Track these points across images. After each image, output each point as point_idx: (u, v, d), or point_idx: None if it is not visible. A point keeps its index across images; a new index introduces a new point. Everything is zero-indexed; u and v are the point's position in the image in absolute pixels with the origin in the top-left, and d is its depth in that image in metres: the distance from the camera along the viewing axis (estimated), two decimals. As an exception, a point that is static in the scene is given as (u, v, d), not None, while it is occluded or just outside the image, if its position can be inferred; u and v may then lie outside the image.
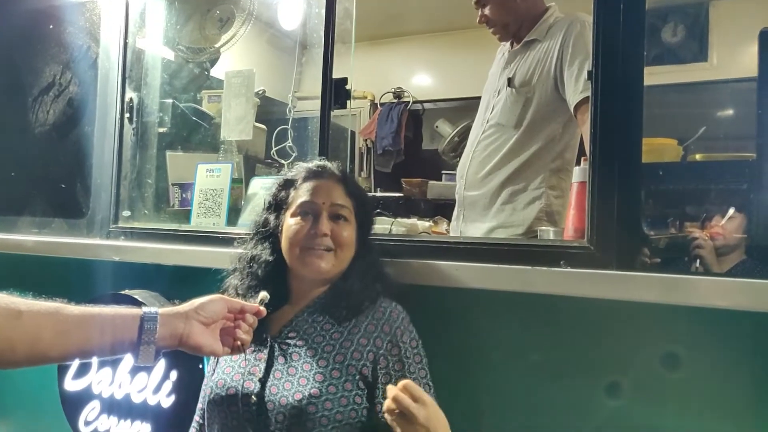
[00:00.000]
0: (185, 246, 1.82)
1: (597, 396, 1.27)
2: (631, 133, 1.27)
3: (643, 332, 1.24)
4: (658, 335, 1.24)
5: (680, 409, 1.21)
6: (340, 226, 1.30)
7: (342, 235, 1.30)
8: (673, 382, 1.21)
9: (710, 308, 1.18)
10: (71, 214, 2.10)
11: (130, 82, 2.04)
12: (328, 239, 1.28)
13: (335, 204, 1.31)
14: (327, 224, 1.29)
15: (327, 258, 1.28)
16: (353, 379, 1.21)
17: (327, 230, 1.28)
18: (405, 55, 3.96)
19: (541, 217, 1.92)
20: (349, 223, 1.32)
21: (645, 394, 1.23)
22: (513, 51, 2.06)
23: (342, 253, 1.30)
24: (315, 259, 1.28)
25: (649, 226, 1.27)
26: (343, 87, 1.68)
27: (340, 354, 1.24)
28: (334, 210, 1.31)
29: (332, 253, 1.29)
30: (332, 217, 1.31)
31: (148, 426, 1.73)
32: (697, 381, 1.20)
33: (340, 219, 1.31)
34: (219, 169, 1.97)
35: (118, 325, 1.01)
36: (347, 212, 1.32)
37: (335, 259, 1.29)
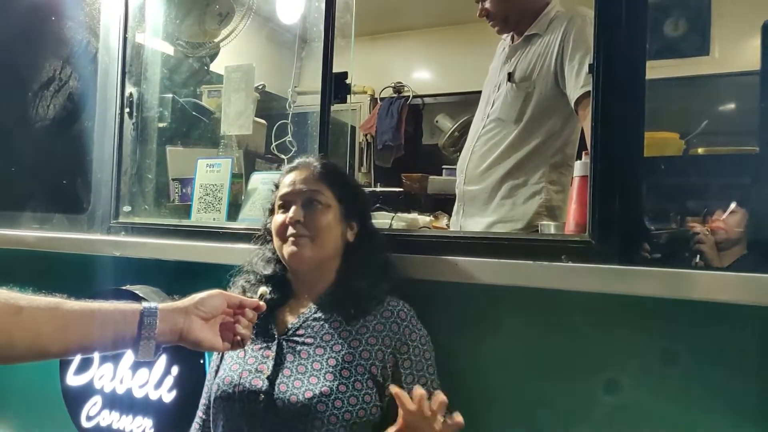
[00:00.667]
0: (186, 241, 1.81)
1: (598, 391, 1.27)
2: (632, 127, 1.27)
3: (644, 326, 1.24)
4: (659, 329, 1.23)
5: (681, 403, 1.20)
6: (315, 211, 1.30)
7: (316, 219, 1.29)
8: (674, 377, 1.21)
9: (711, 302, 1.17)
10: (72, 209, 2.10)
11: (129, 77, 2.03)
12: (301, 226, 1.28)
13: (307, 190, 1.31)
14: (299, 211, 1.29)
15: (303, 244, 1.28)
16: (362, 379, 1.22)
17: (299, 216, 1.28)
18: (405, 50, 3.95)
19: (542, 212, 1.92)
20: (326, 207, 1.31)
21: (646, 388, 1.23)
22: (513, 45, 2.05)
23: (320, 238, 1.29)
24: (291, 247, 1.28)
25: (650, 221, 1.27)
26: (343, 81, 1.67)
27: (349, 354, 1.24)
28: (306, 196, 1.31)
29: (308, 239, 1.28)
30: (305, 204, 1.30)
31: (149, 421, 1.74)
32: (698, 375, 1.19)
33: (314, 203, 1.30)
34: (219, 164, 1.97)
35: (117, 321, 1.00)
36: (321, 197, 1.31)
37: (313, 245, 1.28)
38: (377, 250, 1.37)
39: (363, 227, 1.37)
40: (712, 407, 1.18)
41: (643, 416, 1.23)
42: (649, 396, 1.23)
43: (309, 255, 1.28)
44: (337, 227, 1.32)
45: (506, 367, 1.36)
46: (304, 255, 1.28)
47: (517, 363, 1.35)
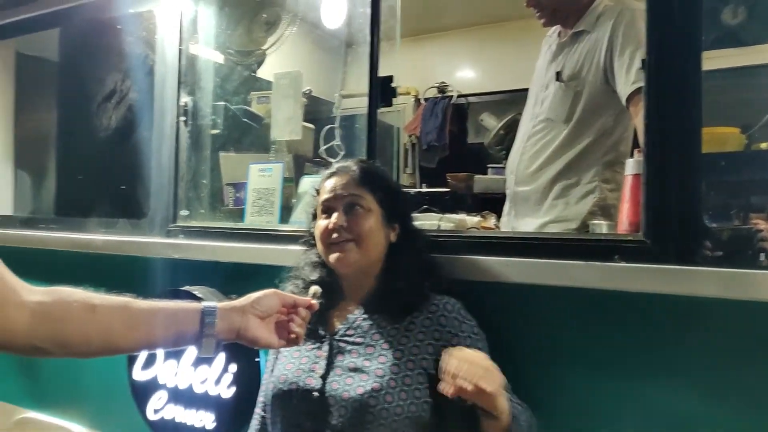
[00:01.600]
0: (240, 243, 1.87)
1: (654, 394, 1.24)
2: (689, 123, 1.23)
3: (704, 329, 1.21)
4: (719, 332, 1.20)
5: (743, 408, 1.17)
6: (357, 215, 1.31)
7: (358, 223, 1.30)
8: (736, 381, 1.17)
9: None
10: (134, 214, 2.19)
11: (184, 87, 2.10)
12: (344, 231, 1.30)
13: (348, 194, 1.33)
14: (341, 216, 1.31)
15: (348, 249, 1.30)
16: (413, 374, 1.24)
17: (342, 222, 1.30)
18: (448, 50, 3.93)
19: (595, 211, 1.89)
20: (368, 211, 1.32)
21: (705, 393, 1.20)
22: (560, 43, 2.02)
23: (364, 242, 1.30)
24: (336, 253, 1.31)
25: (710, 219, 1.23)
26: (388, 85, 1.69)
27: (398, 350, 1.26)
28: (348, 200, 1.33)
29: (353, 244, 1.30)
30: (347, 208, 1.32)
31: (211, 415, 1.80)
32: (763, 380, 1.15)
33: (356, 208, 1.32)
34: (270, 169, 2.02)
35: (181, 319, 1.06)
36: (363, 201, 1.33)
37: (359, 249, 1.30)
38: (420, 249, 1.38)
39: (404, 228, 1.38)
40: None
41: (701, 422, 1.20)
42: (708, 402, 1.19)
43: (354, 259, 1.31)
44: (380, 230, 1.34)
45: (559, 369, 1.35)
46: (349, 259, 1.30)
47: (570, 366, 1.34)
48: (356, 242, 1.30)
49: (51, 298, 0.95)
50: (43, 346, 0.94)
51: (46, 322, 0.94)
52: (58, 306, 0.95)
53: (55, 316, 0.95)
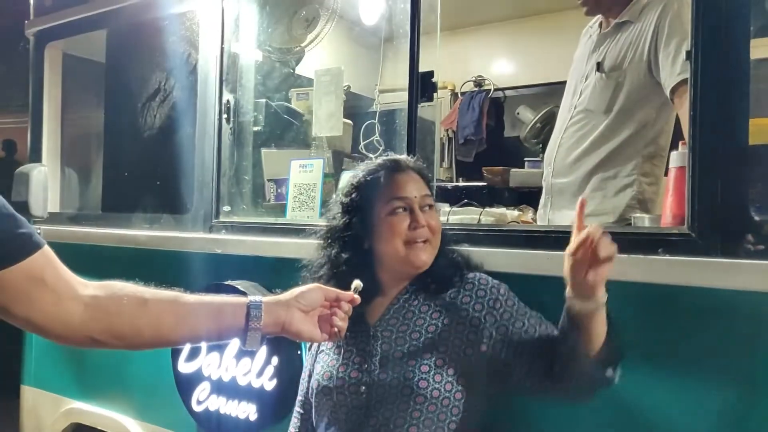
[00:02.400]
0: (282, 238, 1.90)
1: (700, 391, 1.23)
2: (735, 114, 1.21)
3: (751, 323, 1.18)
4: (766, 326, 1.17)
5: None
6: (431, 215, 1.35)
7: (434, 223, 1.35)
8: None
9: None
10: (177, 210, 2.24)
11: (226, 85, 2.14)
12: (426, 230, 1.32)
13: (423, 195, 1.35)
14: (422, 216, 1.33)
15: (427, 249, 1.33)
16: (460, 349, 1.26)
17: (425, 222, 1.32)
18: (484, 43, 3.90)
19: (633, 205, 1.86)
20: (434, 210, 1.37)
21: (750, 389, 1.18)
22: (603, 33, 1.99)
23: (435, 240, 1.35)
24: (419, 253, 1.32)
25: (757, 211, 1.20)
26: (429, 80, 1.69)
27: (444, 330, 1.28)
28: (424, 201, 1.35)
29: (430, 243, 1.33)
30: (422, 208, 1.34)
31: (253, 406, 1.85)
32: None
33: (428, 207, 1.35)
34: (311, 165, 2.05)
35: (227, 313, 1.09)
36: (431, 200, 1.37)
37: (431, 248, 1.34)
38: (447, 235, 1.42)
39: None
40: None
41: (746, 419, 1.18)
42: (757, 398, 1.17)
43: (429, 260, 1.33)
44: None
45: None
46: (426, 260, 1.33)
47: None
48: (430, 241, 1.34)
49: (104, 292, 1.00)
50: (100, 338, 0.99)
51: (101, 315, 0.98)
52: (111, 300, 1.00)
53: (109, 310, 0.99)
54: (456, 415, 1.23)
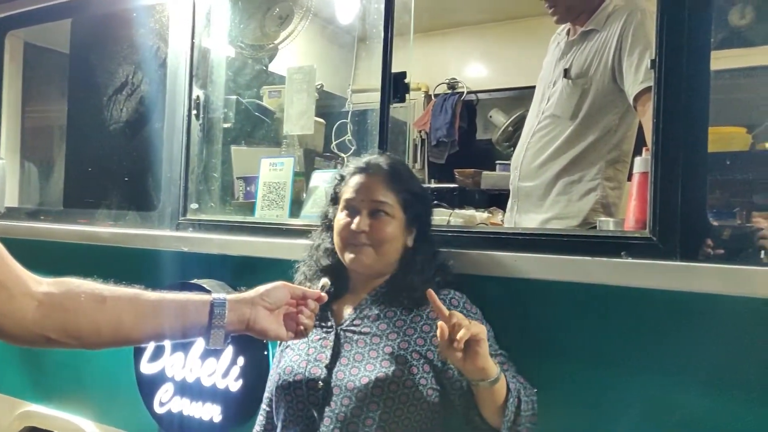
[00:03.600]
0: (250, 237, 1.89)
1: (657, 388, 1.26)
2: (696, 122, 1.25)
3: (707, 324, 1.22)
4: (722, 327, 1.21)
5: (744, 404, 1.18)
6: (380, 222, 1.32)
7: (381, 230, 1.32)
8: (737, 375, 1.19)
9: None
10: (143, 206, 2.20)
11: (196, 80, 2.11)
12: (364, 235, 1.31)
13: (374, 200, 1.34)
14: (365, 221, 1.32)
15: (366, 253, 1.32)
16: (418, 363, 1.26)
17: (364, 227, 1.31)
18: (459, 46, 3.93)
19: (597, 209, 1.91)
20: (391, 218, 1.33)
21: (707, 387, 1.22)
22: (569, 41, 2.03)
23: (383, 248, 1.32)
24: (353, 254, 1.32)
25: (714, 217, 1.24)
26: (402, 81, 1.70)
27: (404, 341, 1.28)
28: (373, 206, 1.33)
29: (370, 248, 1.32)
30: (372, 213, 1.33)
31: (218, 407, 1.82)
32: (762, 374, 1.17)
33: (380, 214, 1.33)
34: (282, 163, 2.04)
35: (190, 311, 1.07)
36: (389, 208, 1.33)
37: (376, 254, 1.32)
38: (434, 251, 1.40)
39: (422, 230, 1.40)
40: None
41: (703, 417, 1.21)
42: (710, 397, 1.21)
43: (369, 263, 1.33)
44: (399, 238, 1.35)
45: (565, 364, 1.36)
46: (364, 262, 1.33)
47: (575, 360, 1.35)
48: (374, 248, 1.32)
49: (59, 289, 0.96)
50: (55, 337, 0.96)
51: (56, 313, 0.95)
52: (67, 297, 0.97)
53: (64, 307, 0.96)
54: (412, 413, 1.24)
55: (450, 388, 1.26)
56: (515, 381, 1.22)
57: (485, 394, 1.16)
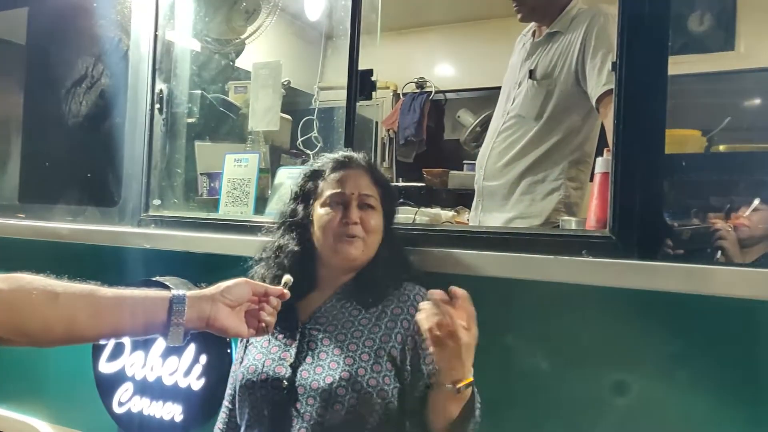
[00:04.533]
0: (214, 234, 1.86)
1: (617, 385, 1.29)
2: (654, 125, 1.28)
3: (664, 322, 1.26)
4: (678, 324, 1.25)
5: (699, 398, 1.22)
6: (368, 214, 1.34)
7: (370, 222, 1.34)
8: (695, 372, 1.22)
9: (731, 298, 1.19)
10: (104, 202, 2.15)
11: (159, 74, 2.08)
12: (359, 227, 1.32)
13: (363, 194, 1.35)
14: (356, 213, 1.33)
15: (357, 245, 1.32)
16: (382, 361, 1.26)
17: (357, 218, 1.32)
18: (427, 46, 3.95)
19: (560, 209, 1.94)
20: (376, 211, 1.36)
21: (664, 383, 1.25)
22: (535, 42, 2.06)
23: (370, 239, 1.34)
24: (346, 247, 1.32)
25: (671, 217, 1.28)
26: (368, 78, 1.70)
27: (369, 339, 1.28)
28: (362, 199, 1.35)
29: (362, 241, 1.33)
30: (360, 206, 1.34)
31: (179, 407, 1.79)
32: (717, 369, 1.21)
33: (368, 207, 1.35)
34: (246, 159, 2.02)
35: (148, 307, 1.04)
36: (374, 201, 1.36)
37: (364, 246, 1.33)
38: (399, 247, 1.41)
39: (388, 226, 1.41)
40: (730, 401, 1.19)
41: (660, 412, 1.25)
42: (668, 391, 1.24)
43: (359, 255, 1.33)
44: (381, 230, 1.37)
45: (526, 361, 1.38)
46: (355, 255, 1.32)
47: (536, 357, 1.37)
48: (364, 240, 1.33)
49: (8, 285, 0.93)
50: (2, 334, 0.92)
51: (4, 310, 0.91)
52: (16, 293, 0.93)
53: (13, 304, 0.92)
54: (374, 416, 1.23)
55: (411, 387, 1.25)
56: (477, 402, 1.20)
57: (445, 400, 1.14)
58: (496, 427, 1.33)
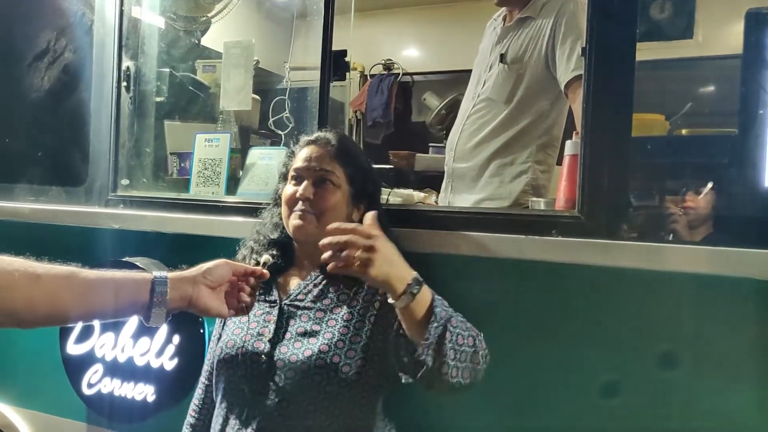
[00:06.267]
0: (185, 214, 1.84)
1: (587, 357, 1.35)
2: (622, 108, 1.33)
3: (631, 298, 1.32)
4: (642, 299, 1.31)
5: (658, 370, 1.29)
6: (325, 191, 1.34)
7: (324, 198, 1.33)
8: (656, 345, 1.30)
9: (684, 273, 1.27)
10: (69, 181, 2.10)
11: (126, 51, 2.03)
12: (309, 203, 1.33)
13: (320, 169, 1.35)
14: (309, 188, 1.34)
15: (308, 220, 1.33)
16: (361, 332, 1.28)
17: (308, 194, 1.33)
18: (395, 27, 3.95)
19: (528, 191, 1.99)
20: (337, 188, 1.35)
21: (630, 356, 1.32)
22: (506, 27, 2.09)
23: (325, 216, 1.33)
24: (297, 221, 1.33)
25: (635, 198, 1.34)
26: (342, 59, 1.70)
27: (347, 313, 1.30)
28: (319, 174, 1.35)
29: (314, 217, 1.33)
30: (317, 182, 1.35)
31: (151, 387, 1.79)
32: (674, 338, 1.29)
33: (326, 183, 1.35)
34: (217, 139, 2.00)
35: (131, 289, 1.05)
36: (334, 177, 1.35)
37: (318, 222, 1.33)
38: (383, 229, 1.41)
39: (370, 208, 1.38)
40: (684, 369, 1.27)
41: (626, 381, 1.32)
42: (634, 362, 1.31)
43: (312, 231, 1.33)
44: (343, 208, 1.37)
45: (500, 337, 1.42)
46: (307, 230, 1.33)
47: (509, 333, 1.41)
48: (317, 216, 1.33)
49: None
50: None
51: None
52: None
53: None
54: (353, 389, 1.26)
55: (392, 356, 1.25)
56: (451, 313, 1.12)
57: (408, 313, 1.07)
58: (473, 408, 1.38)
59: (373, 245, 1.03)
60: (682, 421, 1.27)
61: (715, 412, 1.24)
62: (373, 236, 1.04)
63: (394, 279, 1.05)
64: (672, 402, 1.28)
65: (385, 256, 1.04)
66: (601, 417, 1.34)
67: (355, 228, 1.05)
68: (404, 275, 1.06)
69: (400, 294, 1.05)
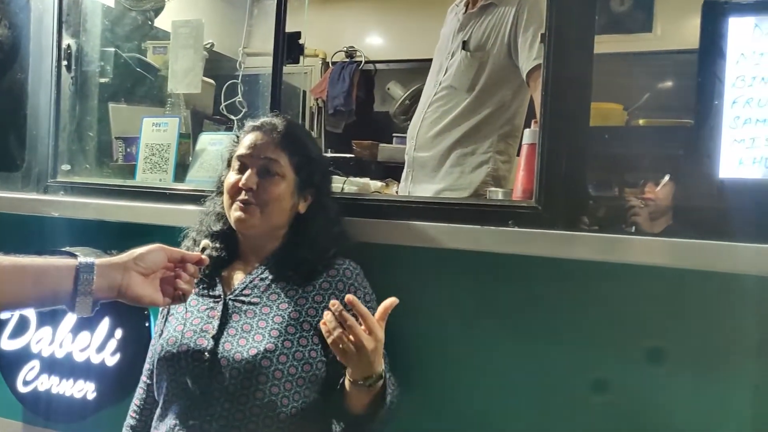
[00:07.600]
0: (130, 202, 1.76)
1: (541, 350, 1.33)
2: (580, 97, 1.31)
3: (585, 289, 1.30)
4: (598, 292, 1.30)
5: (616, 359, 1.28)
6: (268, 182, 1.28)
7: (268, 189, 1.27)
8: (613, 336, 1.28)
9: (642, 265, 1.25)
10: (4, 166, 1.98)
11: (67, 28, 1.91)
12: (252, 194, 1.27)
13: (264, 158, 1.29)
14: (253, 178, 1.27)
15: (250, 211, 1.27)
16: (308, 335, 1.23)
17: (251, 184, 1.26)
18: (358, 14, 3.89)
19: (488, 181, 1.97)
20: (282, 178, 1.29)
21: (586, 348, 1.30)
22: (468, 14, 2.06)
23: (268, 208, 1.27)
24: (238, 212, 1.27)
25: (593, 188, 1.32)
26: (296, 41, 1.64)
27: (295, 311, 1.25)
28: (263, 164, 1.28)
29: (257, 208, 1.27)
30: (261, 171, 1.28)
31: (92, 384, 1.70)
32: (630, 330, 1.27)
33: (270, 174, 1.28)
34: (166, 124, 1.90)
35: (52, 276, 0.97)
36: (279, 167, 1.29)
37: (261, 214, 1.27)
38: (330, 222, 1.35)
39: (318, 198, 1.35)
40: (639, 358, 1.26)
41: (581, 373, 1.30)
42: (588, 352, 1.30)
43: (254, 223, 1.27)
44: (288, 199, 1.30)
45: (454, 329, 1.40)
46: (250, 222, 1.27)
47: (465, 325, 1.39)
48: (260, 207, 1.27)
49: None
50: None
51: None
52: None
53: None
54: (302, 386, 1.21)
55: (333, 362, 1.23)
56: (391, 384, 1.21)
57: (357, 392, 1.16)
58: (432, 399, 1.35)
59: (364, 346, 1.08)
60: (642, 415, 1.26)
61: (671, 404, 1.24)
62: (373, 334, 1.10)
63: (361, 369, 1.12)
64: (630, 394, 1.26)
65: (368, 354, 1.09)
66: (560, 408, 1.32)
67: (366, 317, 1.10)
68: (372, 370, 1.12)
69: (357, 380, 1.14)
